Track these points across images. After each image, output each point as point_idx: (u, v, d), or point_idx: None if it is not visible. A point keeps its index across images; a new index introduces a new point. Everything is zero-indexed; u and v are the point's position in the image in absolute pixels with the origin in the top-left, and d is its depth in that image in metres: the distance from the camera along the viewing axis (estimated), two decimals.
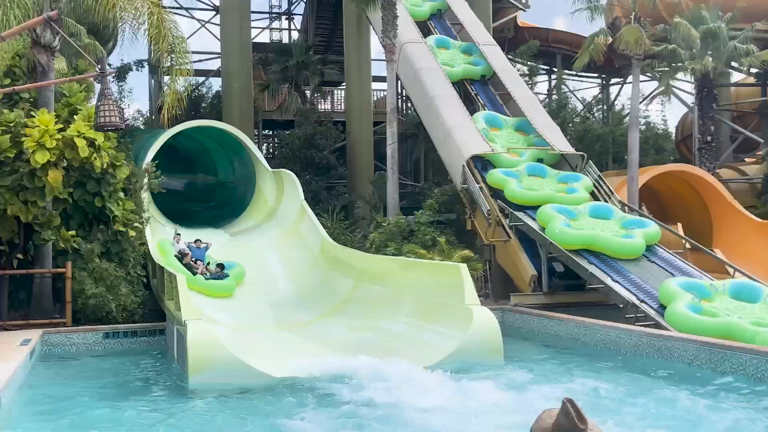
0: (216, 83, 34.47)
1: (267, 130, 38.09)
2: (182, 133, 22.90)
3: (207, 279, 18.74)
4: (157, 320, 17.11)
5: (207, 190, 28.24)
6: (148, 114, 32.78)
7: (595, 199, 21.71)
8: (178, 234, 20.07)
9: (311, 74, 29.84)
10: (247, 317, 17.78)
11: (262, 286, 19.63)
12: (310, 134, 28.16)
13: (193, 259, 19.26)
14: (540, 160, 23.06)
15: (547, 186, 21.54)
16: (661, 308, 15.95)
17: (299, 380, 12.05)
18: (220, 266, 19.25)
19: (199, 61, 36.25)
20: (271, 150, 38.28)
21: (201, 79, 35.27)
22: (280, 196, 22.60)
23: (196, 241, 19.91)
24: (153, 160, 20.63)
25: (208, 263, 19.35)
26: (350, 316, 17.25)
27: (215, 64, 35.59)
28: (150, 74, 31.83)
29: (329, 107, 33.99)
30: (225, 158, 25.94)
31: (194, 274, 18.55)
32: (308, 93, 31.41)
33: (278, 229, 21.74)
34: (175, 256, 18.98)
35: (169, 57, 19.28)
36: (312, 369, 12.60)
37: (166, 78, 19.36)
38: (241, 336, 15.74)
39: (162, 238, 19.60)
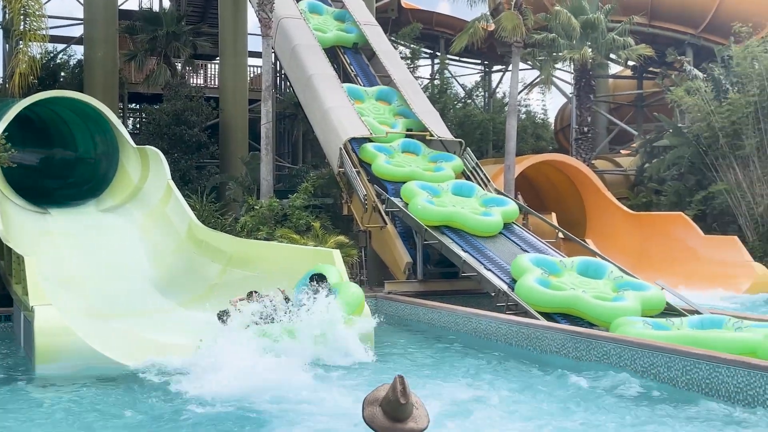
0: (79, 51, 32.53)
1: (133, 104, 36.28)
2: (39, 104, 21.33)
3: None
4: (4, 305, 16.20)
5: (65, 166, 26.46)
6: (1, 81, 30.51)
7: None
8: (226, 314, 13.08)
9: (182, 46, 28.37)
10: (106, 303, 16.72)
11: (124, 270, 18.62)
12: (180, 110, 26.83)
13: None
14: (410, 131, 23.33)
15: (417, 163, 21.86)
16: (513, 282, 16.46)
17: (156, 369, 11.67)
18: (319, 277, 13.24)
19: (60, 26, 34.10)
20: (137, 125, 36.60)
21: (61, 46, 33.15)
22: (145, 174, 21.43)
23: (250, 294, 13.39)
24: (3, 131, 19.06)
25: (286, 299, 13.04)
26: (218, 303, 16.55)
27: (78, 31, 33.51)
28: (3, 38, 29.63)
29: (202, 82, 32.67)
30: (86, 132, 24.35)
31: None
32: (179, 66, 29.95)
33: (142, 210, 20.65)
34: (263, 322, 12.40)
35: (22, 20, 17.91)
36: (171, 358, 12.14)
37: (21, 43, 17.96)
38: (98, 323, 14.87)
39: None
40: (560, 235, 21.49)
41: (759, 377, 9.75)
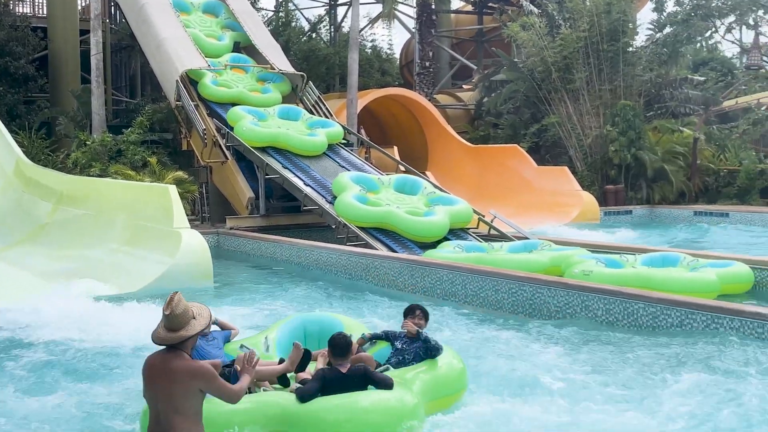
0: None
1: None
2: None
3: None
4: None
5: None
6: None
7: None
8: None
9: None
10: None
11: None
12: (4, 40, 25.08)
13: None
14: (237, 45, 23.39)
15: (244, 82, 21.95)
16: (334, 199, 16.97)
17: None
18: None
19: None
20: None
21: None
22: None
23: None
24: None
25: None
26: (49, 243, 16.14)
27: None
28: None
29: (29, 11, 30.55)
30: None
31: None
32: None
33: None
34: None
35: None
36: None
37: None
38: None
39: None
40: (401, 168, 21.86)
41: (576, 296, 10.47)
